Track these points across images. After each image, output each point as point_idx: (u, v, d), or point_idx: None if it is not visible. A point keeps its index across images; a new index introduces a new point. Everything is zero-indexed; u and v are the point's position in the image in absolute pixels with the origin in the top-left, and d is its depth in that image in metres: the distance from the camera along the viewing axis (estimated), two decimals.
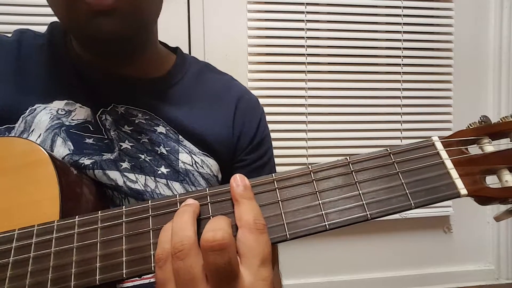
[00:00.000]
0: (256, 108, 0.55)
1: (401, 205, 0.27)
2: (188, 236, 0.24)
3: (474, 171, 0.28)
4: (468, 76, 1.48)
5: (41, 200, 0.33)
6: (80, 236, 0.29)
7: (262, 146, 0.53)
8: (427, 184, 0.28)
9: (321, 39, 1.38)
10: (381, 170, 0.28)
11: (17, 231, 0.30)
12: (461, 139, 0.29)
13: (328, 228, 0.27)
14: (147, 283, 0.42)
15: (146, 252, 0.28)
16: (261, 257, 0.24)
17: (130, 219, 0.29)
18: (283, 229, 0.27)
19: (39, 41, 0.46)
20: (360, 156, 0.29)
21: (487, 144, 0.29)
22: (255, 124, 0.53)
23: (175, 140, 0.46)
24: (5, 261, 0.29)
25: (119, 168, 0.42)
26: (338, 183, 0.28)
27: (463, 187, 0.27)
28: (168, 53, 0.54)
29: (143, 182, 0.42)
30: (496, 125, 0.29)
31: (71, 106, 0.43)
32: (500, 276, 1.52)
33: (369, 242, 1.46)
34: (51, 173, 0.34)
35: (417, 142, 0.29)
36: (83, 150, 0.41)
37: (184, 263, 0.24)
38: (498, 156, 0.28)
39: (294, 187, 0.29)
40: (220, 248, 0.23)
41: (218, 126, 0.49)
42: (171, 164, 0.45)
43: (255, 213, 0.26)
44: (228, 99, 0.52)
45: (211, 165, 0.47)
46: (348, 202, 0.28)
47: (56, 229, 0.30)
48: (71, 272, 0.28)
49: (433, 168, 0.28)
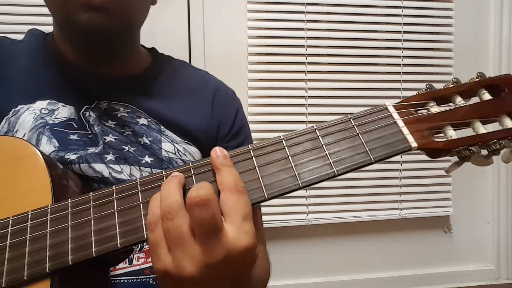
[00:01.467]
0: (232, 99, 0.58)
1: (363, 160, 0.31)
2: (175, 200, 0.27)
3: (422, 128, 0.32)
4: (468, 76, 1.47)
5: (32, 190, 0.34)
6: (74, 215, 0.31)
7: (240, 134, 0.56)
8: (383, 141, 0.31)
9: (321, 39, 1.38)
10: (343, 133, 0.32)
11: (11, 217, 0.32)
12: (410, 103, 0.34)
13: (301, 186, 0.30)
14: (138, 269, 0.44)
15: (138, 223, 0.30)
16: (243, 214, 0.27)
17: (121, 195, 0.31)
18: (261, 190, 0.30)
19: (18, 47, 0.48)
20: (324, 123, 0.33)
21: (432, 106, 0.34)
22: (233, 113, 0.56)
23: (157, 130, 0.48)
24: (3, 245, 0.31)
25: (104, 160, 0.44)
26: (307, 147, 0.32)
27: (413, 141, 0.31)
28: (146, 52, 0.57)
29: (128, 172, 0.44)
30: (440, 90, 0.34)
31: (54, 105, 0.45)
32: (500, 276, 1.52)
33: (369, 242, 1.46)
34: (41, 165, 0.35)
35: (372, 108, 0.33)
36: (68, 146, 0.43)
37: (173, 222, 0.26)
38: (442, 115, 0.32)
39: (269, 154, 0.32)
40: (203, 203, 0.25)
41: (197, 116, 0.52)
42: (154, 153, 0.47)
43: (235, 177, 0.29)
44: (206, 92, 0.55)
45: (193, 153, 0.50)
46: (317, 163, 0.31)
47: (50, 212, 0.31)
48: (68, 248, 0.30)
49: (387, 128, 0.32)
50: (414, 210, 1.44)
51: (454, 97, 0.34)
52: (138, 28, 0.50)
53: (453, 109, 0.33)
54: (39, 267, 0.29)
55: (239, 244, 0.26)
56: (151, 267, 0.44)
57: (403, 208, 1.44)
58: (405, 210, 1.44)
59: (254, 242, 0.27)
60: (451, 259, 1.51)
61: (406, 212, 1.44)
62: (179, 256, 0.26)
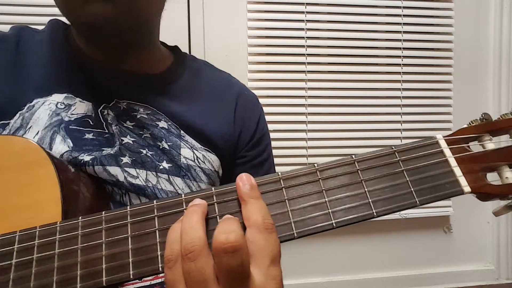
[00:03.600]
0: (256, 105, 0.56)
1: (406, 202, 0.28)
2: (198, 237, 0.24)
3: (476, 169, 0.28)
4: (468, 76, 1.48)
5: (42, 201, 0.33)
6: (84, 237, 0.29)
7: (262, 143, 0.53)
8: (432, 181, 0.28)
9: (321, 39, 1.38)
10: (386, 168, 0.29)
11: (18, 233, 0.30)
12: (463, 136, 0.30)
13: (335, 226, 0.27)
14: (147, 285, 0.41)
15: (153, 253, 0.27)
16: (271, 257, 0.24)
17: (135, 219, 0.29)
18: (291, 227, 0.27)
19: (38, 37, 0.46)
20: (365, 155, 0.29)
21: (488, 142, 0.30)
22: (255, 120, 0.53)
23: (176, 135, 0.46)
24: (8, 263, 0.29)
25: (119, 163, 0.41)
26: (344, 182, 0.29)
27: (466, 185, 0.28)
28: (167, 51, 0.54)
29: (144, 177, 0.42)
30: (497, 122, 0.30)
31: (71, 100, 0.43)
32: (500, 276, 1.52)
33: (369, 242, 1.46)
34: (51, 173, 0.33)
35: (421, 140, 0.30)
36: (83, 147, 0.41)
37: (196, 264, 0.23)
38: (499, 153, 0.29)
39: (301, 186, 0.29)
40: (233, 250, 0.22)
41: (219, 121, 0.49)
42: (173, 159, 0.44)
43: (263, 212, 0.26)
44: (228, 96, 0.52)
45: (212, 161, 0.47)
46: (354, 200, 0.28)
47: (59, 230, 0.29)
48: (77, 273, 0.27)
49: (437, 165, 0.29)
50: (414, 210, 1.44)
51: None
52: (152, 23, 0.47)
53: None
54: None
55: None
56: (161, 283, 0.42)
57: None
58: (405, 210, 1.44)
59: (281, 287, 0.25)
60: (451, 259, 1.51)
61: (406, 212, 1.44)
62: None
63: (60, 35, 0.46)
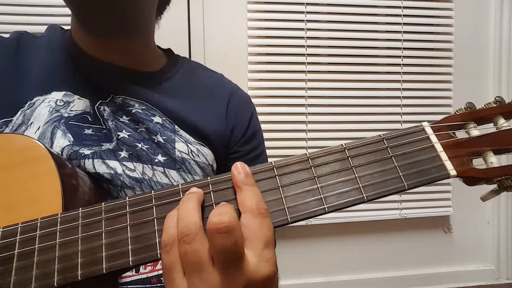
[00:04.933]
0: (248, 104, 0.58)
1: (395, 186, 0.29)
2: (194, 222, 0.25)
3: (461, 154, 0.30)
4: (468, 76, 1.48)
5: (42, 195, 0.33)
6: (84, 227, 0.30)
7: (255, 139, 0.55)
8: (419, 166, 0.29)
9: (321, 39, 1.38)
10: (375, 155, 0.30)
11: (20, 224, 0.31)
12: (449, 124, 0.31)
13: (328, 211, 0.28)
14: (144, 277, 0.43)
15: (151, 240, 0.28)
16: (265, 240, 0.25)
17: (134, 209, 0.30)
18: (284, 213, 0.28)
19: (38, 41, 0.48)
20: (354, 143, 0.31)
21: (472, 129, 0.31)
22: (248, 117, 0.56)
23: (171, 129, 0.47)
24: (10, 253, 0.30)
25: (117, 157, 0.43)
26: (335, 168, 0.30)
27: (452, 169, 0.29)
28: (161, 53, 0.57)
29: (141, 171, 0.44)
30: (481, 110, 0.32)
31: (70, 97, 0.44)
32: (500, 276, 1.52)
33: (369, 242, 1.46)
34: (51, 168, 0.34)
35: (408, 128, 0.31)
36: (83, 141, 0.42)
37: (191, 246, 0.24)
38: (483, 139, 0.30)
39: (293, 173, 0.30)
40: (227, 230, 0.23)
41: (212, 117, 0.51)
42: (167, 152, 0.46)
43: (257, 198, 0.27)
44: (221, 94, 0.55)
45: (206, 154, 0.49)
46: (345, 186, 0.29)
47: (59, 221, 0.30)
48: (77, 262, 0.28)
49: (424, 151, 0.30)
50: (414, 210, 1.44)
51: (496, 118, 0.31)
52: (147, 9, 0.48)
53: (495, 133, 0.30)
54: (47, 280, 0.28)
55: (259, 273, 0.24)
56: (158, 275, 0.44)
57: (403, 208, 1.44)
58: (405, 210, 1.44)
59: (274, 270, 0.25)
60: (451, 259, 1.51)
61: (406, 212, 1.44)
62: (196, 282, 0.24)
63: (58, 38, 0.48)
